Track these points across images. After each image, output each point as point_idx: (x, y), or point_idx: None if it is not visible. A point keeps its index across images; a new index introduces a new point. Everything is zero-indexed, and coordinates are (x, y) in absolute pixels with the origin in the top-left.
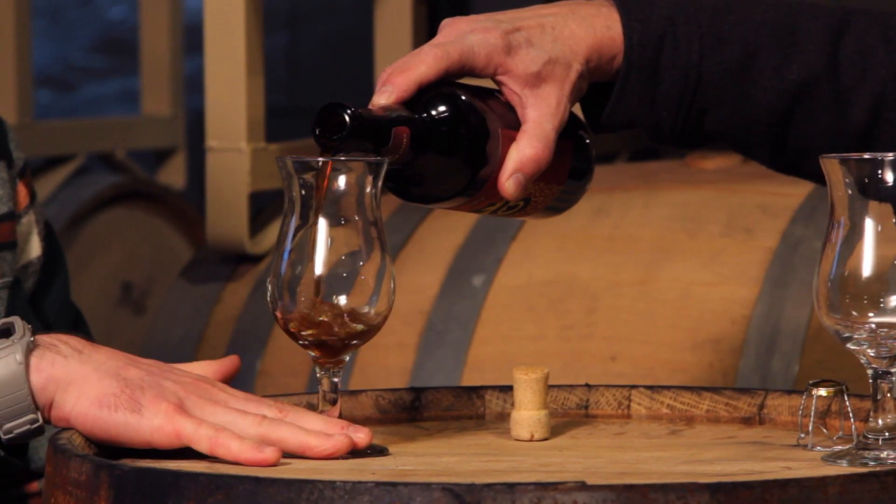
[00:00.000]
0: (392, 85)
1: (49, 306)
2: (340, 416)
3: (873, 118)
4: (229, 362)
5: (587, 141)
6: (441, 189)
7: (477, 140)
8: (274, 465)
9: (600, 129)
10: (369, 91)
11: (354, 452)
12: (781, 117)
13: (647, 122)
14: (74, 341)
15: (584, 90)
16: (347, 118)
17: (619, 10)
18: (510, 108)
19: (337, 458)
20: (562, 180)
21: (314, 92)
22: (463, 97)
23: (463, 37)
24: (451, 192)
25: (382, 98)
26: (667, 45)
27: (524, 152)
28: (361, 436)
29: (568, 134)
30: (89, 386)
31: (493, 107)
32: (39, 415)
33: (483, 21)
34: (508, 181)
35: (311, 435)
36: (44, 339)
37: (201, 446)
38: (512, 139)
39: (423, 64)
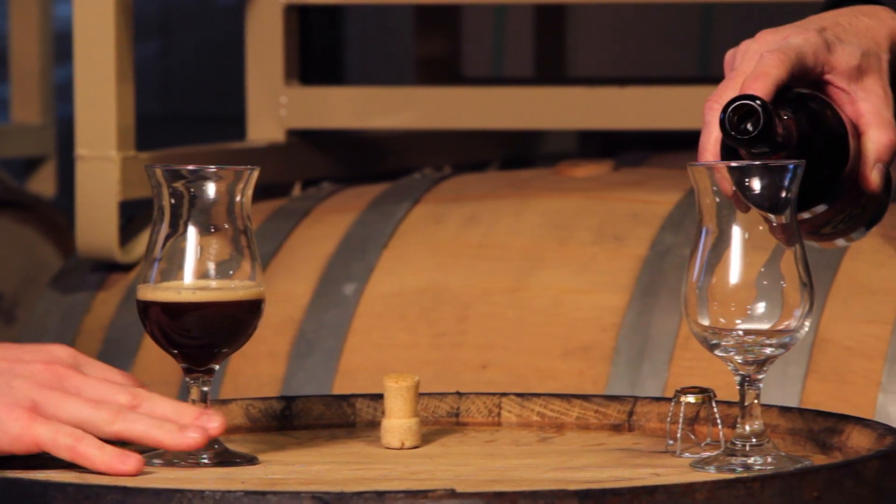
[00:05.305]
0: (753, 91)
1: None
2: None
3: None
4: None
5: None
6: (811, 198)
7: (840, 136)
8: (137, 475)
9: None
10: (241, 99)
11: (224, 462)
12: None
13: None
14: None
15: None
16: (760, 111)
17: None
18: (837, 107)
19: (205, 467)
20: None
21: (187, 100)
22: (818, 97)
23: (786, 41)
24: (819, 198)
25: None
26: None
27: (879, 140)
28: (215, 425)
29: None
30: None
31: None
32: None
33: (787, 28)
34: (873, 172)
35: (167, 432)
36: None
37: (62, 455)
38: (854, 135)
39: (773, 68)
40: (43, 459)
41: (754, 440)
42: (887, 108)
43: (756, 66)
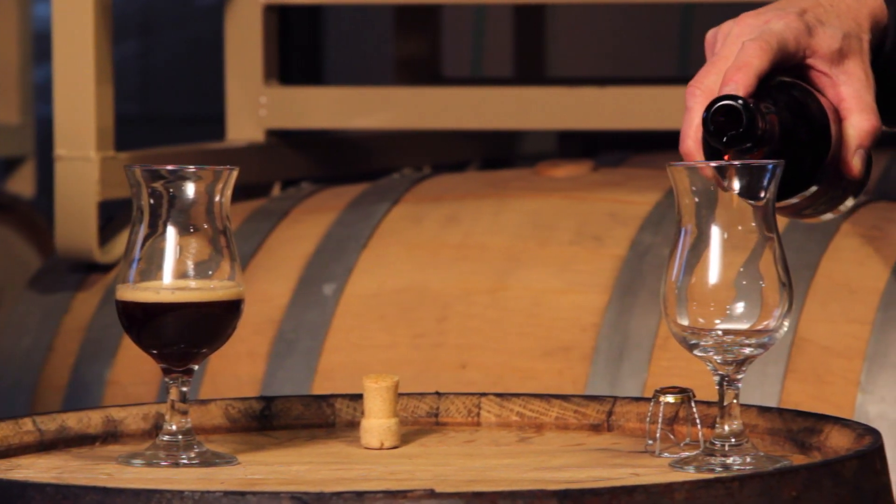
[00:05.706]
0: (735, 83)
1: None
2: (190, 426)
3: None
4: None
5: None
6: (793, 185)
7: (823, 125)
8: None
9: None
10: (220, 99)
11: (203, 462)
12: None
13: None
14: None
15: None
16: (743, 111)
17: None
18: (818, 91)
19: (184, 467)
20: None
21: (166, 101)
22: (799, 84)
23: (767, 27)
24: (801, 185)
25: None
26: None
27: (860, 126)
28: None
29: None
30: None
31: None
32: None
33: (768, 11)
34: (855, 158)
35: None
36: None
37: None
38: (835, 120)
39: (755, 58)
40: (22, 461)
41: (733, 440)
42: (868, 92)
43: (738, 55)
